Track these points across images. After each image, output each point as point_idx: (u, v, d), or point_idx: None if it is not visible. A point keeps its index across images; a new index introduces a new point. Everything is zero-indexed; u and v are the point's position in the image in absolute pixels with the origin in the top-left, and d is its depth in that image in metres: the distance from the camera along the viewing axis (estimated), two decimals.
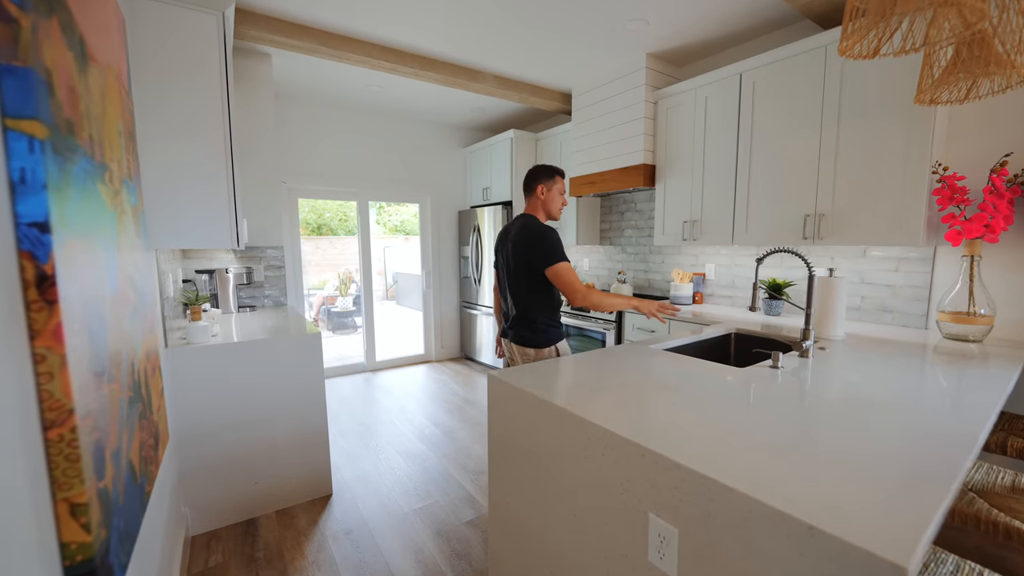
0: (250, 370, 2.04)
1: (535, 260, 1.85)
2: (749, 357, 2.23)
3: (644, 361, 1.62)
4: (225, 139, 1.93)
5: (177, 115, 1.82)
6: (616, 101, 3.25)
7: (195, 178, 1.87)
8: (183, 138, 1.83)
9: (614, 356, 1.69)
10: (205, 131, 1.88)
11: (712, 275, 3.19)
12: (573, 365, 1.57)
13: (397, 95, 3.82)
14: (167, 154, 1.81)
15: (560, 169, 2.01)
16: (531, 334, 1.93)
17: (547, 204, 1.98)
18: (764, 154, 2.53)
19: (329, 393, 3.90)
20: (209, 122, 1.89)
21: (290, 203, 4.02)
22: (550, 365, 1.55)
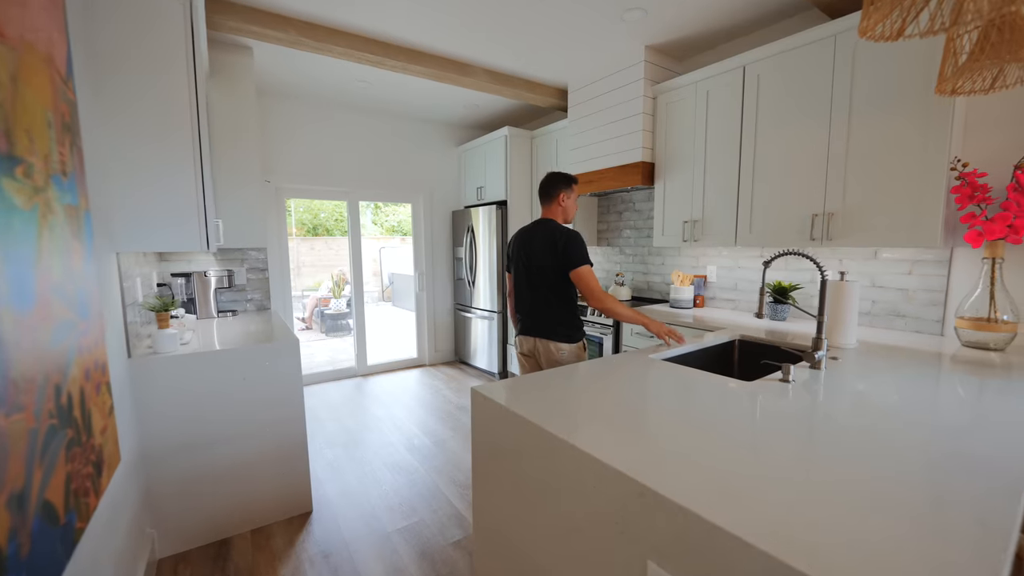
0: (222, 381, 1.91)
1: (564, 261, 1.95)
2: (755, 366, 2.10)
3: (643, 373, 1.49)
4: (193, 136, 1.80)
5: (138, 109, 1.69)
6: (613, 96, 3.12)
7: (159, 176, 1.74)
8: (144, 134, 1.70)
9: (610, 367, 1.56)
10: (170, 127, 1.75)
11: (714, 277, 3.06)
12: (565, 379, 1.44)
13: (386, 91, 3.69)
14: (128, 150, 1.68)
15: (576, 178, 2.15)
16: (564, 330, 2.04)
17: (567, 210, 2.12)
18: (769, 151, 2.40)
19: (317, 400, 3.76)
20: (175, 117, 1.76)
21: (277, 203, 3.88)
22: (540, 379, 1.42)
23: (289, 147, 3.86)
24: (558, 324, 2.03)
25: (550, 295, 2.03)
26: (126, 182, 1.69)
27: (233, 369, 1.93)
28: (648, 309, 2.98)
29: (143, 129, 1.70)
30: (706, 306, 3.08)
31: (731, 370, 2.18)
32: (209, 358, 1.87)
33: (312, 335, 7.05)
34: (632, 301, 3.39)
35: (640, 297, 3.51)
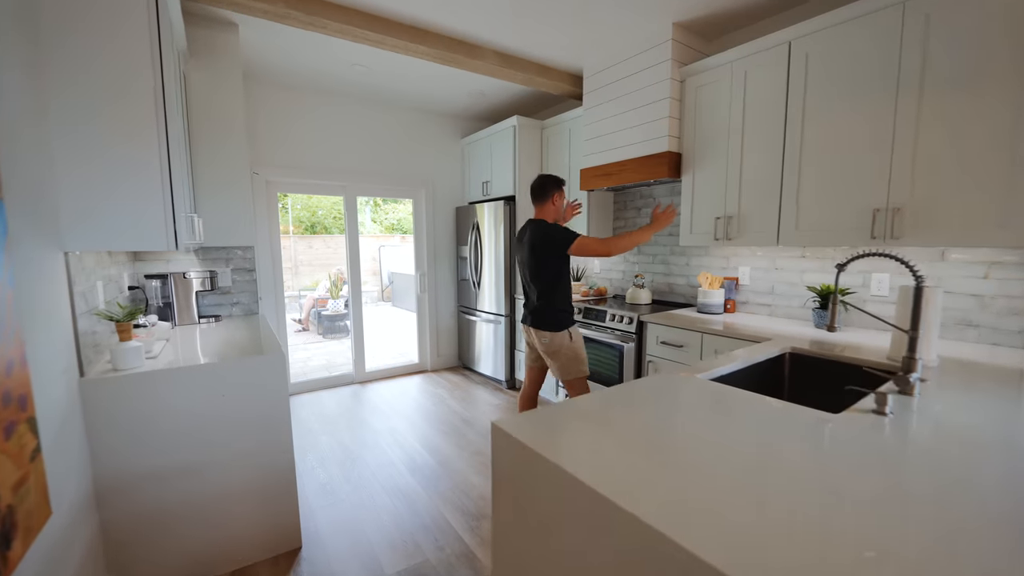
0: (195, 401, 1.63)
1: (556, 249, 2.20)
2: (809, 386, 1.83)
3: (696, 401, 1.22)
4: (156, 120, 1.53)
5: (87, 83, 1.41)
6: (635, 80, 2.83)
7: (114, 164, 1.47)
8: (96, 113, 1.43)
9: (653, 393, 1.29)
10: (128, 106, 1.47)
11: (747, 280, 2.78)
12: (600, 408, 1.16)
13: (386, 77, 3.40)
14: (75, 132, 1.41)
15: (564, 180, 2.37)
16: (548, 320, 2.28)
17: (559, 210, 2.34)
18: (820, 138, 2.12)
19: (311, 410, 3.49)
20: (132, 98, 1.48)
21: (268, 198, 3.60)
22: (574, 410, 1.15)
23: (281, 138, 3.57)
24: (544, 315, 2.29)
25: (540, 288, 2.29)
26: (75, 170, 1.41)
27: (209, 387, 1.65)
28: (672, 315, 2.71)
29: (93, 107, 1.43)
30: (738, 311, 2.80)
31: (781, 389, 1.91)
32: (179, 375, 1.60)
33: (309, 337, 6.78)
34: (653, 305, 3.12)
35: (662, 300, 3.24)
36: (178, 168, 1.70)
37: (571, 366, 2.29)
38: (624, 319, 2.79)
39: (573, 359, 2.29)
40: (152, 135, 1.53)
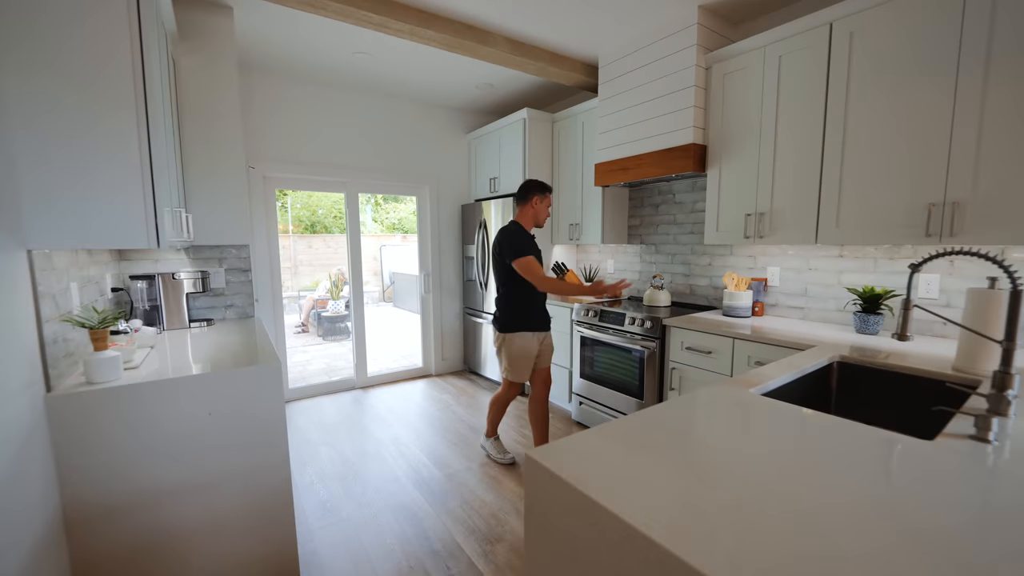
0: (179, 418, 1.46)
1: (507, 256, 2.31)
2: (859, 399, 1.65)
3: (754, 421, 1.04)
4: (136, 105, 1.35)
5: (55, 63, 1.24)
6: (657, 68, 2.66)
7: (86, 154, 1.29)
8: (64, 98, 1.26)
9: (705, 413, 1.11)
10: (100, 91, 1.30)
11: (776, 281, 2.60)
12: (650, 432, 0.98)
13: (390, 67, 3.23)
14: (41, 117, 1.23)
15: (551, 188, 2.45)
16: (500, 319, 2.42)
17: (538, 214, 2.42)
18: (865, 127, 1.94)
19: (310, 418, 3.31)
20: (107, 79, 1.31)
21: (266, 194, 3.43)
22: (615, 434, 0.97)
23: (279, 131, 3.40)
24: (499, 313, 2.40)
25: (498, 288, 2.41)
26: (40, 158, 1.24)
27: (195, 401, 1.48)
28: (696, 318, 2.53)
29: (61, 86, 1.25)
30: (767, 315, 2.63)
31: (827, 402, 1.73)
32: (161, 389, 1.42)
33: (308, 339, 6.60)
34: (672, 307, 2.94)
35: (682, 303, 3.06)
36: (163, 159, 1.52)
37: (513, 368, 2.41)
38: (644, 322, 2.61)
39: (509, 362, 2.42)
40: (130, 121, 1.35)
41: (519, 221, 2.41)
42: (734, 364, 2.20)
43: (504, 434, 2.98)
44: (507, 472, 2.50)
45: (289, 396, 3.67)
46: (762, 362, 2.07)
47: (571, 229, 3.52)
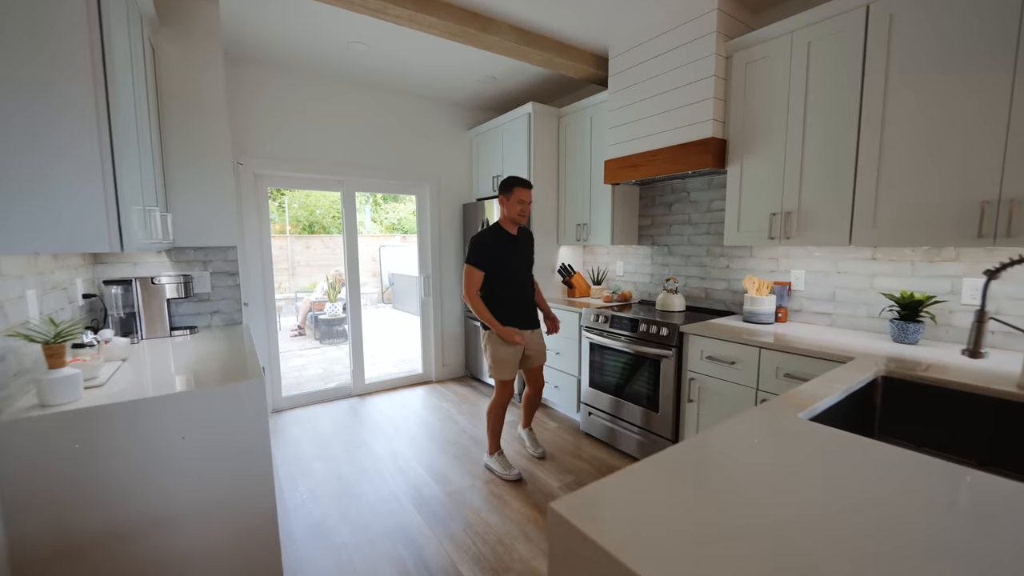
0: (148, 442, 1.29)
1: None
2: (906, 419, 1.48)
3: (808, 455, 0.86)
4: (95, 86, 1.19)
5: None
6: (673, 58, 2.49)
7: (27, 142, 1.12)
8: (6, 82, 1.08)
9: (754, 447, 0.94)
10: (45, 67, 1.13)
11: (801, 285, 2.43)
12: (696, 469, 0.82)
13: (388, 58, 3.06)
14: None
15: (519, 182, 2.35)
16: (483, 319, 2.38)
17: (509, 212, 2.38)
18: (908, 117, 1.78)
19: (304, 429, 3.14)
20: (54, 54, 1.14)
21: (257, 193, 3.26)
22: (655, 475, 0.81)
23: (271, 127, 3.23)
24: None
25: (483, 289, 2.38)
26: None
27: (165, 425, 1.31)
28: (715, 324, 2.36)
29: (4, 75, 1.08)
30: (790, 321, 2.46)
31: (871, 422, 1.56)
32: (124, 412, 1.25)
33: (305, 342, 6.43)
34: (687, 312, 2.77)
35: (698, 308, 2.89)
36: (130, 149, 1.36)
37: (495, 365, 2.41)
38: (660, 329, 2.44)
39: (491, 360, 2.42)
40: (87, 103, 1.18)
41: (500, 223, 2.42)
42: (760, 375, 2.03)
43: (506, 445, 2.81)
44: (513, 490, 2.33)
45: (282, 405, 3.50)
46: (792, 374, 1.91)
47: (578, 230, 3.35)
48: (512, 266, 2.38)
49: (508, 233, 2.40)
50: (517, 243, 2.42)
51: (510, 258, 2.38)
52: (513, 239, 2.41)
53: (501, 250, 2.35)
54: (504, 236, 2.39)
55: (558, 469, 2.55)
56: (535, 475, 2.49)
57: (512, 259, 2.38)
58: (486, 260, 2.30)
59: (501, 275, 2.34)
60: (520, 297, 2.44)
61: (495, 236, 2.37)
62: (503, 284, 2.36)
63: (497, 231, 2.39)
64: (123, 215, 1.23)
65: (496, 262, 2.32)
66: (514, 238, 2.41)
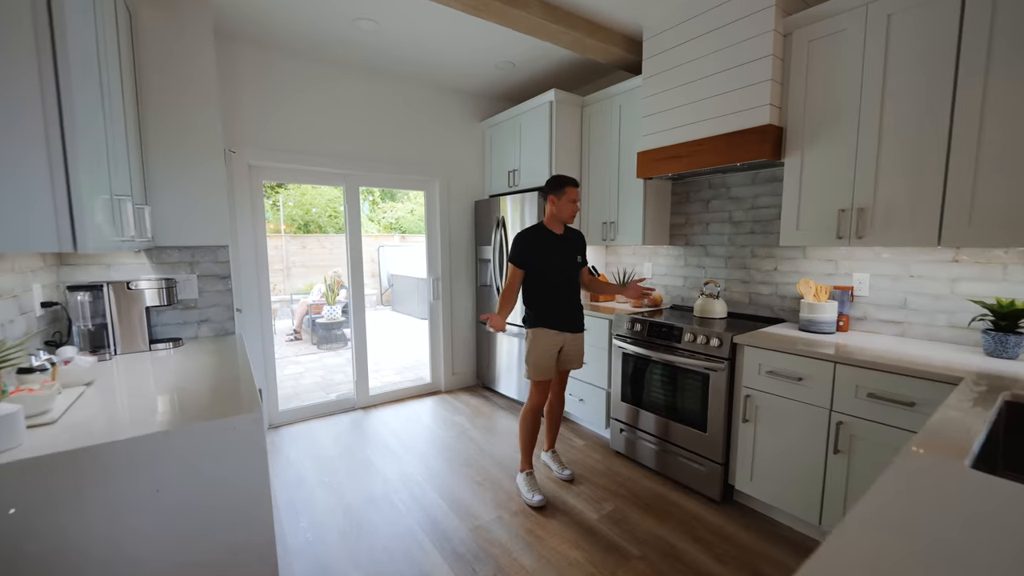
0: (110, 500, 1.00)
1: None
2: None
3: (1007, 529, 0.59)
4: (36, 50, 0.90)
5: None
6: (719, 37, 2.23)
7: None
8: None
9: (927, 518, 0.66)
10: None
11: (865, 290, 2.18)
12: None
13: (397, 39, 2.77)
14: None
15: (570, 181, 2.24)
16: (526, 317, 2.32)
17: (556, 213, 2.26)
18: (1010, 102, 1.52)
19: (304, 448, 2.84)
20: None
21: (252, 186, 2.96)
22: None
23: (267, 113, 2.93)
24: (527, 313, 2.32)
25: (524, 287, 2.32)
26: None
27: (132, 476, 1.02)
28: (770, 334, 2.10)
29: None
30: (852, 330, 2.20)
31: (994, 461, 1.30)
32: (78, 461, 0.96)
33: (301, 347, 6.11)
34: (729, 319, 2.51)
35: (741, 314, 2.63)
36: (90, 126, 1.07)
37: (532, 365, 2.28)
38: (709, 340, 2.18)
39: (533, 359, 2.28)
40: (25, 69, 0.89)
41: (545, 222, 2.30)
42: (835, 395, 1.77)
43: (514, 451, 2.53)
44: (547, 523, 2.05)
45: (280, 420, 3.20)
46: (876, 394, 1.65)
47: (604, 228, 3.08)
48: (552, 266, 2.26)
49: (551, 232, 2.28)
50: (561, 242, 2.29)
51: (551, 258, 2.25)
52: (557, 238, 2.28)
53: (541, 249, 2.24)
54: (546, 235, 2.27)
55: (592, 495, 2.28)
56: (567, 503, 2.21)
57: (553, 259, 2.26)
58: (526, 259, 2.23)
59: (540, 274, 2.25)
60: (560, 298, 2.30)
61: (536, 234, 2.27)
62: (542, 284, 2.27)
63: (539, 230, 2.29)
64: (77, 207, 0.95)
65: (536, 261, 2.23)
66: (558, 237, 2.29)
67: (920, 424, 1.55)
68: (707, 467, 2.22)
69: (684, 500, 2.23)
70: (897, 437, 1.61)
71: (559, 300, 2.30)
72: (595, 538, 1.95)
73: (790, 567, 1.76)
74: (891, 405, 1.62)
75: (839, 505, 1.77)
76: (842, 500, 1.76)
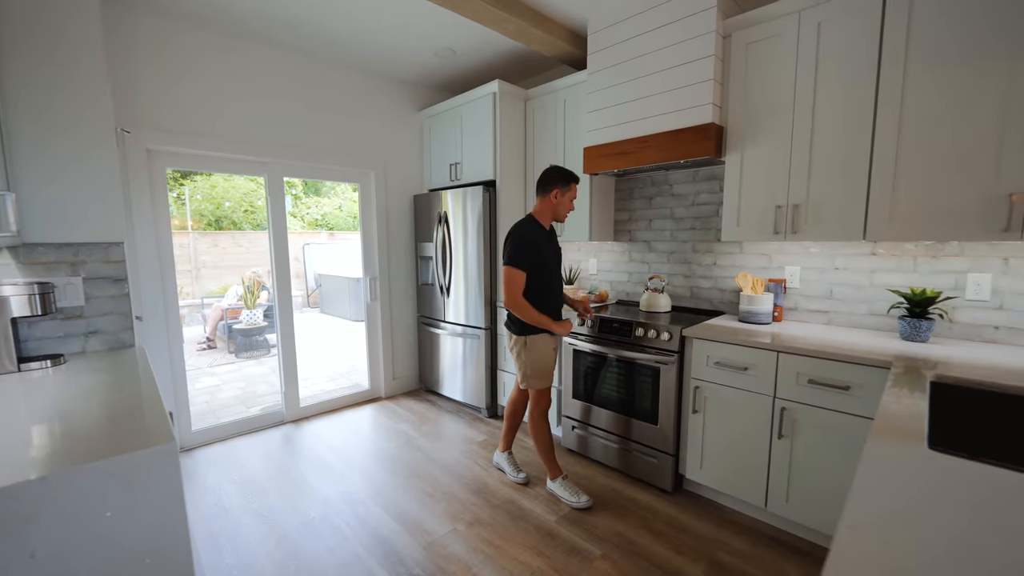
0: None
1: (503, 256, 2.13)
2: (955, 424, 1.35)
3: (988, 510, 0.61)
4: None
5: None
6: (664, 35, 2.26)
7: None
8: None
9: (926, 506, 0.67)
10: None
11: (797, 283, 2.33)
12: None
13: (326, 18, 2.51)
14: None
15: (574, 174, 2.16)
16: (517, 322, 2.16)
17: (557, 208, 2.16)
18: (929, 104, 1.68)
19: (226, 472, 2.50)
20: None
21: (152, 174, 2.55)
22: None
23: (172, 91, 2.53)
24: (508, 316, 2.20)
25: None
26: None
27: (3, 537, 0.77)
28: (714, 326, 2.18)
29: None
30: (786, 320, 2.34)
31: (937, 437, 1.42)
32: None
33: (216, 356, 5.49)
34: (673, 313, 2.58)
35: (684, 308, 2.71)
36: None
37: (538, 373, 2.19)
38: (660, 334, 2.21)
39: (530, 368, 2.18)
40: None
41: (535, 215, 2.18)
42: (778, 382, 1.85)
43: (487, 475, 2.43)
44: (505, 532, 1.96)
45: (192, 442, 2.81)
46: (816, 380, 1.75)
47: None
48: (549, 262, 2.17)
49: (543, 227, 2.19)
50: (552, 238, 2.25)
51: (548, 253, 2.17)
52: (548, 234, 2.22)
53: (541, 246, 2.13)
54: (541, 231, 2.17)
55: (549, 497, 2.22)
56: (524, 508, 2.14)
57: (549, 255, 2.18)
58: (528, 259, 2.07)
59: (542, 275, 2.13)
60: (555, 299, 2.22)
61: (534, 232, 2.13)
62: (542, 285, 2.13)
63: (535, 226, 2.16)
64: None
65: (537, 261, 2.11)
66: (548, 233, 2.22)
67: (856, 406, 1.67)
68: (659, 459, 2.26)
69: (638, 493, 2.25)
70: (835, 419, 1.71)
71: (556, 301, 2.21)
72: (556, 542, 1.89)
73: (743, 551, 1.83)
74: (829, 389, 1.72)
75: (783, 488, 1.87)
76: (786, 483, 1.86)
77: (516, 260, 2.06)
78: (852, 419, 1.67)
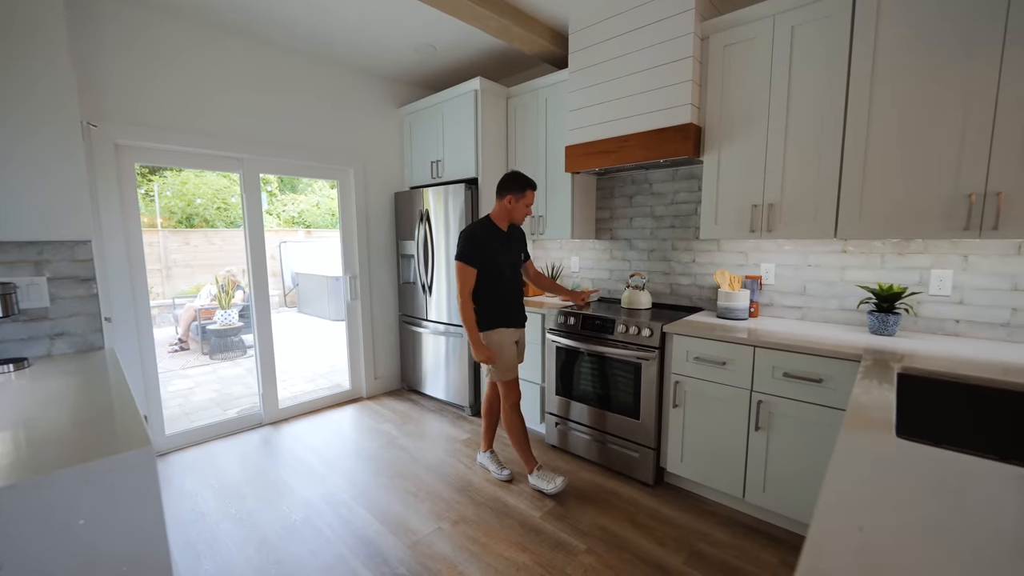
0: None
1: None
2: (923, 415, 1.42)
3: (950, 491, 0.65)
4: None
5: None
6: (644, 36, 2.29)
7: None
8: None
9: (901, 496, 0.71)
10: None
11: (772, 279, 2.40)
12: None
13: (304, 11, 2.46)
14: None
15: (533, 184, 2.23)
16: (480, 320, 2.19)
17: (512, 213, 2.22)
18: (896, 107, 1.75)
19: (203, 476, 2.44)
20: None
21: (120, 170, 2.45)
22: None
23: (141, 82, 2.44)
24: (482, 314, 2.19)
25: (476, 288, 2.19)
26: None
27: None
28: (694, 323, 2.23)
29: None
30: (762, 315, 2.41)
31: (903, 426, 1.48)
32: None
33: (189, 358, 5.33)
34: (654, 310, 2.63)
35: (664, 304, 2.76)
36: None
37: (500, 365, 2.23)
38: (641, 330, 2.24)
39: (501, 359, 2.22)
40: None
41: (492, 217, 2.24)
42: (755, 376, 1.91)
43: (472, 474, 2.43)
44: (491, 529, 1.97)
45: (167, 446, 2.72)
46: (791, 373, 1.81)
47: (532, 223, 3.05)
48: (503, 263, 2.22)
49: (499, 228, 2.24)
50: (509, 238, 2.28)
51: (502, 255, 2.21)
52: (505, 235, 2.26)
53: (494, 246, 2.19)
54: (496, 231, 2.23)
55: (533, 493, 2.24)
56: (509, 504, 2.15)
57: (504, 255, 2.23)
58: (479, 256, 2.13)
59: (495, 272, 2.18)
60: (511, 296, 2.28)
61: (487, 230, 2.20)
62: (494, 282, 2.19)
63: (490, 225, 2.22)
64: None
65: (489, 259, 2.16)
66: (506, 234, 2.27)
67: (828, 398, 1.73)
68: (641, 453, 2.30)
69: (621, 487, 2.28)
70: (809, 411, 1.78)
71: (509, 298, 2.27)
72: (541, 537, 1.91)
73: (723, 541, 1.88)
74: (803, 382, 1.78)
75: (760, 478, 1.92)
76: (763, 473, 1.92)
77: (467, 256, 2.11)
78: (825, 410, 1.74)
